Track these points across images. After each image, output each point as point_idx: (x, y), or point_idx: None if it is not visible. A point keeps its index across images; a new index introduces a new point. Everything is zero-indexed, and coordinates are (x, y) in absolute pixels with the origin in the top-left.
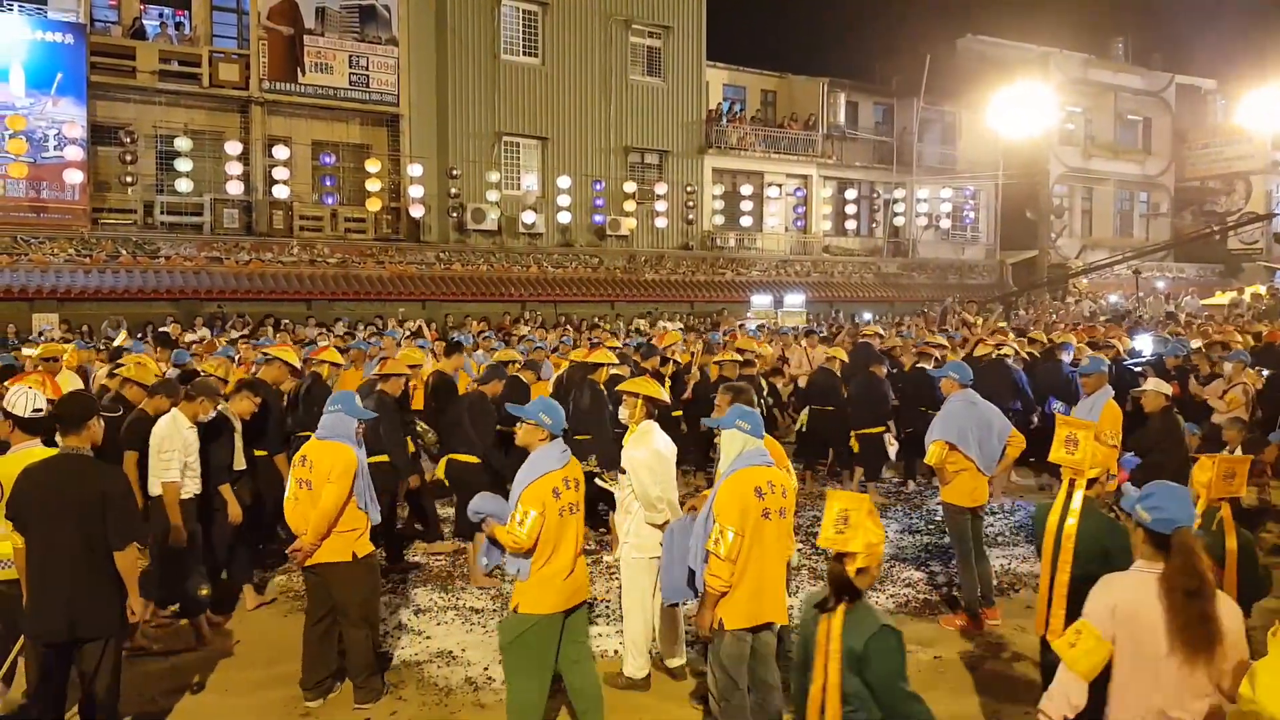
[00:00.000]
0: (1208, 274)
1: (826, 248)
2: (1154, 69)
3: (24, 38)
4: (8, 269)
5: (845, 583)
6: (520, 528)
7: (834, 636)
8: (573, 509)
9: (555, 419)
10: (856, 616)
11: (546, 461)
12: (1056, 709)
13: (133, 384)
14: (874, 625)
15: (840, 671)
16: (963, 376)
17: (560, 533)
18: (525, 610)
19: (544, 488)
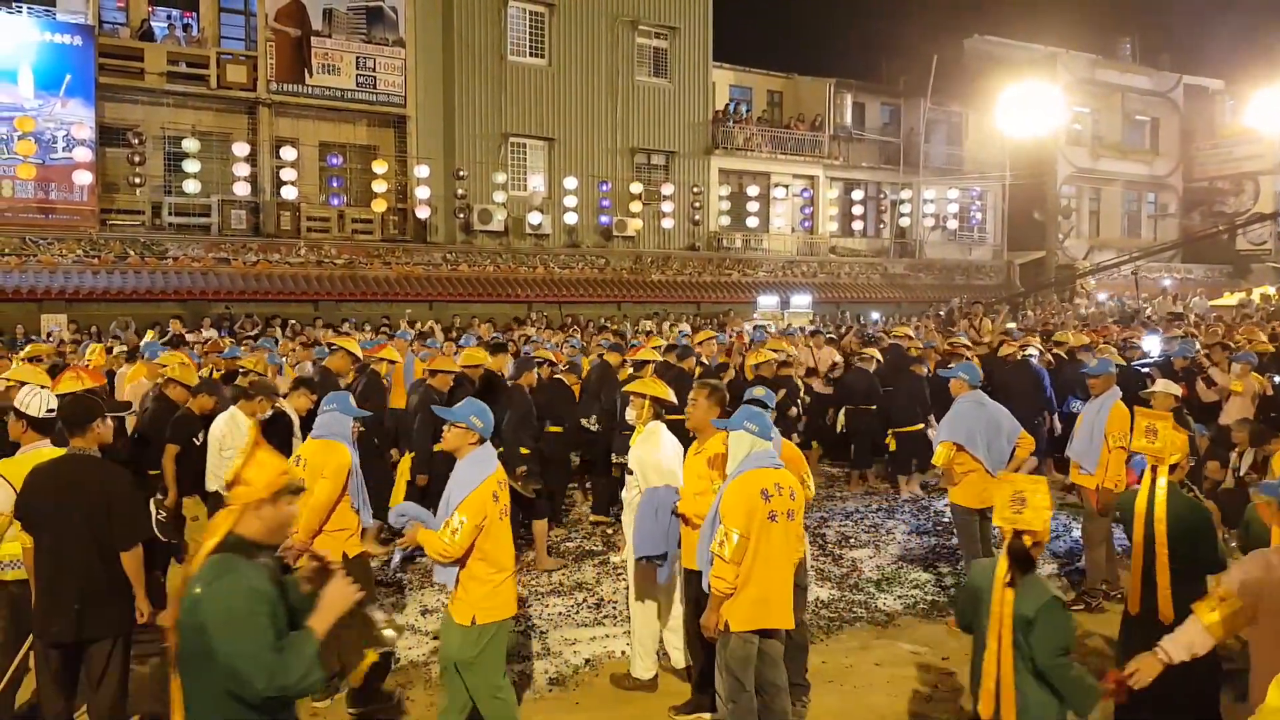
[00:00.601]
0: (1216, 275)
1: (833, 248)
2: (1162, 69)
3: (32, 39)
4: (16, 270)
5: (1025, 557)
6: (454, 536)
7: (1008, 603)
8: (505, 512)
9: (486, 422)
10: (1029, 586)
11: (483, 467)
12: (1177, 652)
13: (176, 384)
14: (1045, 595)
15: (1012, 635)
16: (972, 378)
17: (502, 535)
18: (486, 620)
19: (484, 494)
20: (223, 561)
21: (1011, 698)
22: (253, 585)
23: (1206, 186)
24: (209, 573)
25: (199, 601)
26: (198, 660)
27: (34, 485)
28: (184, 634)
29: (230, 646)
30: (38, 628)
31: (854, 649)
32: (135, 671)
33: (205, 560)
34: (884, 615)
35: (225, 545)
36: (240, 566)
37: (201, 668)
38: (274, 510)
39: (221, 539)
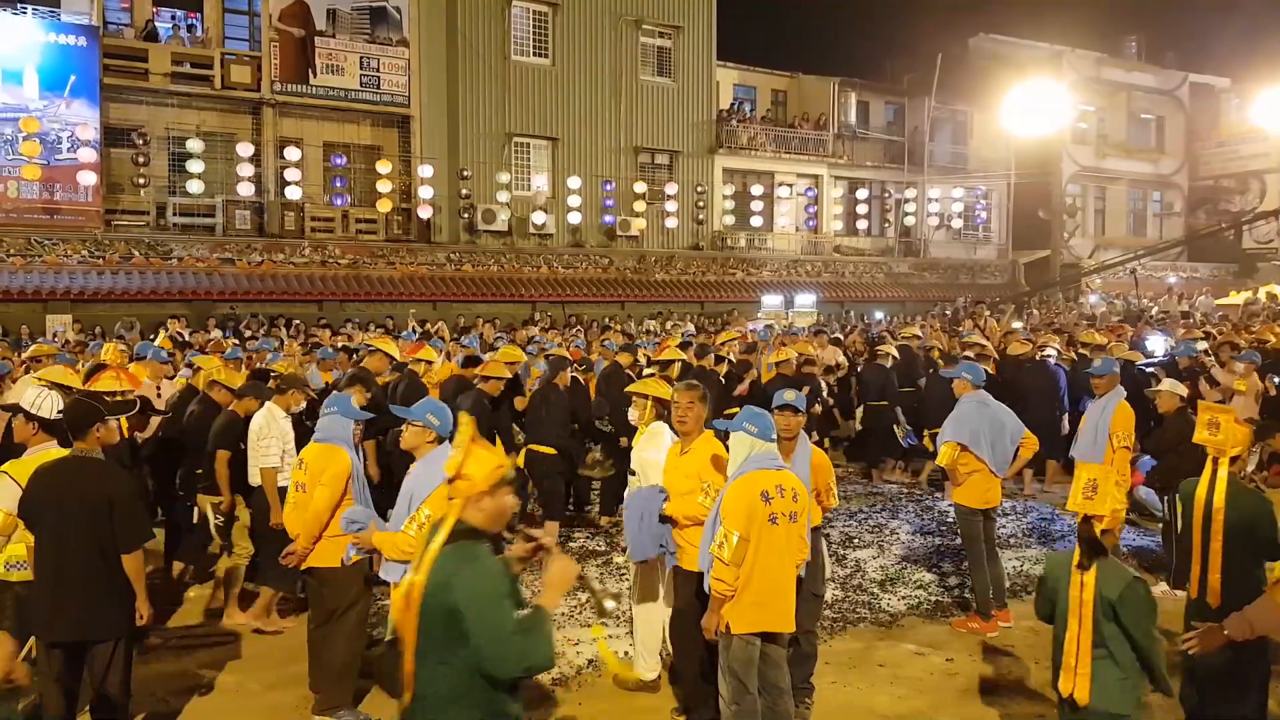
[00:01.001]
0: (1222, 274)
1: (837, 248)
2: (1167, 67)
3: (37, 40)
4: (21, 270)
5: (1094, 541)
6: (420, 531)
7: (1088, 587)
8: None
9: (443, 420)
10: (1108, 570)
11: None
12: (1239, 630)
13: (220, 386)
14: (1127, 576)
15: (1093, 619)
16: (975, 378)
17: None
18: None
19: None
20: (463, 549)
21: (1088, 674)
22: (497, 570)
23: (1212, 185)
24: (452, 561)
25: (449, 588)
26: (448, 645)
27: (36, 486)
28: (429, 621)
29: (483, 630)
30: (39, 628)
31: (857, 649)
32: (138, 672)
33: (442, 551)
34: (888, 616)
35: (457, 535)
36: (481, 553)
37: (451, 653)
38: (493, 501)
39: (451, 530)
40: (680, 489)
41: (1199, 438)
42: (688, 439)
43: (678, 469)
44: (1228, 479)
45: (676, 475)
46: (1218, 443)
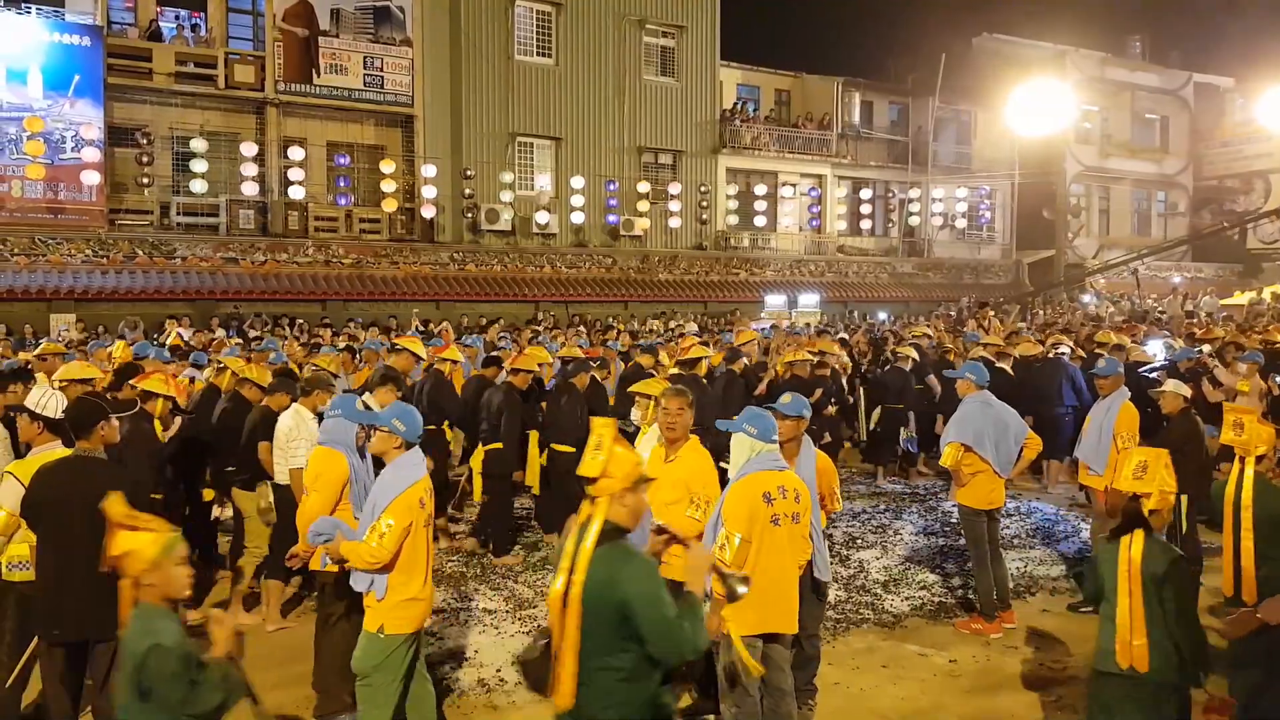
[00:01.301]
0: (1227, 274)
1: (841, 248)
2: (1172, 67)
3: (42, 40)
4: (25, 270)
5: (1138, 517)
6: (381, 540)
7: (1134, 563)
8: (430, 521)
9: (410, 425)
10: (1153, 547)
11: (410, 471)
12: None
13: (250, 383)
14: (1172, 554)
15: (1144, 594)
16: (978, 378)
17: (423, 546)
18: (392, 631)
19: (411, 499)
20: (618, 548)
21: (1144, 644)
22: (652, 564)
23: (1216, 185)
24: (612, 560)
25: (615, 586)
26: (616, 640)
27: (39, 485)
28: (595, 619)
29: (654, 621)
30: (42, 628)
31: (861, 650)
32: None
33: (595, 551)
34: (891, 616)
35: (608, 534)
36: (635, 550)
37: (619, 647)
38: (634, 498)
39: (602, 529)
40: (666, 498)
41: (1225, 438)
42: (674, 446)
43: (665, 477)
44: (1254, 477)
45: (663, 484)
46: (1243, 442)
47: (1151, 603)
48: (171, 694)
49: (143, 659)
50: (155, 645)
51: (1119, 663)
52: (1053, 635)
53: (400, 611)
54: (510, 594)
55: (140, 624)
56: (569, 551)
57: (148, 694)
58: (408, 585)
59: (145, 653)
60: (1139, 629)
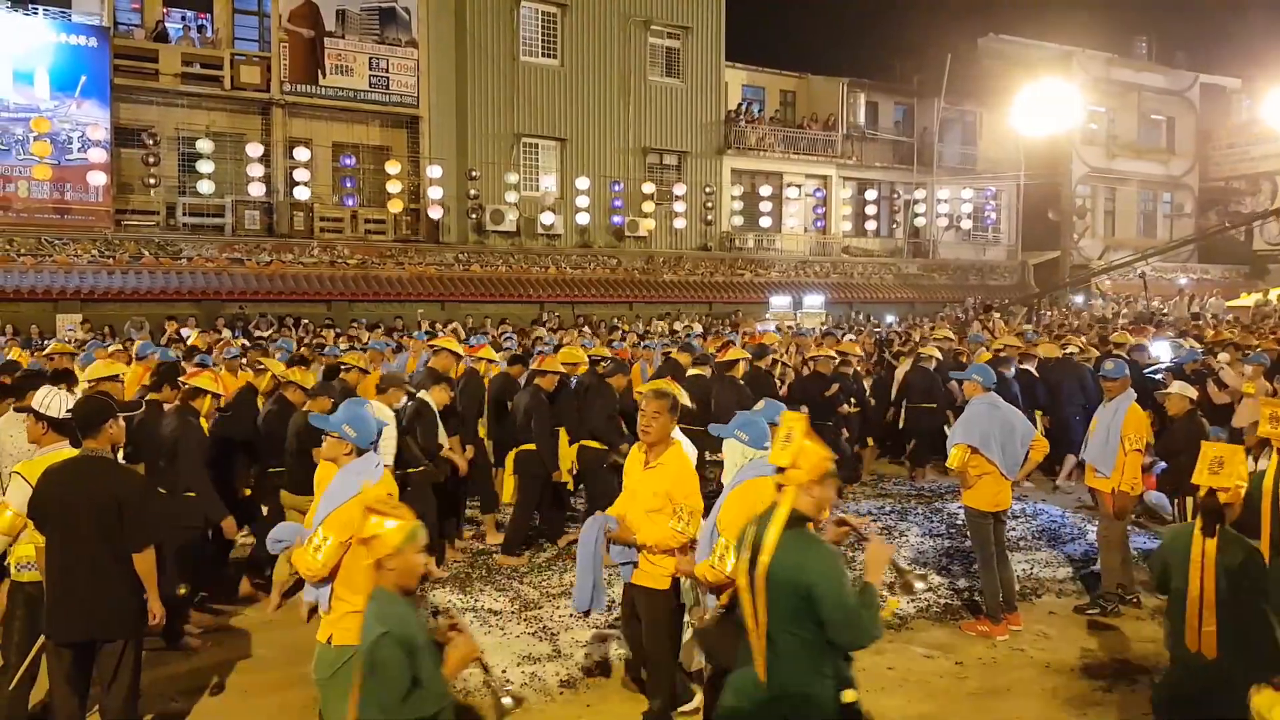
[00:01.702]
0: (1233, 275)
1: (846, 248)
2: (1178, 68)
3: (48, 41)
4: (32, 270)
5: (1217, 511)
6: (317, 554)
7: (1209, 555)
8: None
9: (361, 431)
10: (1228, 540)
11: (357, 479)
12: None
13: (295, 386)
14: (1247, 548)
15: (1215, 584)
16: (985, 379)
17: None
18: (340, 642)
19: (353, 510)
20: (805, 534)
21: (1213, 630)
22: (836, 552)
23: (1223, 186)
24: (799, 545)
25: (802, 570)
26: (799, 620)
27: (46, 486)
28: (780, 599)
29: (835, 605)
30: (49, 628)
31: (866, 652)
32: (147, 672)
33: (783, 536)
34: (897, 618)
35: (794, 521)
36: (818, 537)
37: (801, 626)
38: (821, 489)
39: (788, 516)
40: (648, 506)
41: (1263, 431)
42: (654, 451)
43: (644, 484)
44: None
45: (642, 491)
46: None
47: (1224, 592)
48: (392, 684)
49: (373, 646)
50: (385, 634)
51: (1188, 645)
52: (1059, 637)
53: (347, 623)
54: (515, 595)
55: (376, 607)
56: (751, 534)
57: (371, 675)
58: (352, 599)
59: (375, 640)
60: (1209, 616)
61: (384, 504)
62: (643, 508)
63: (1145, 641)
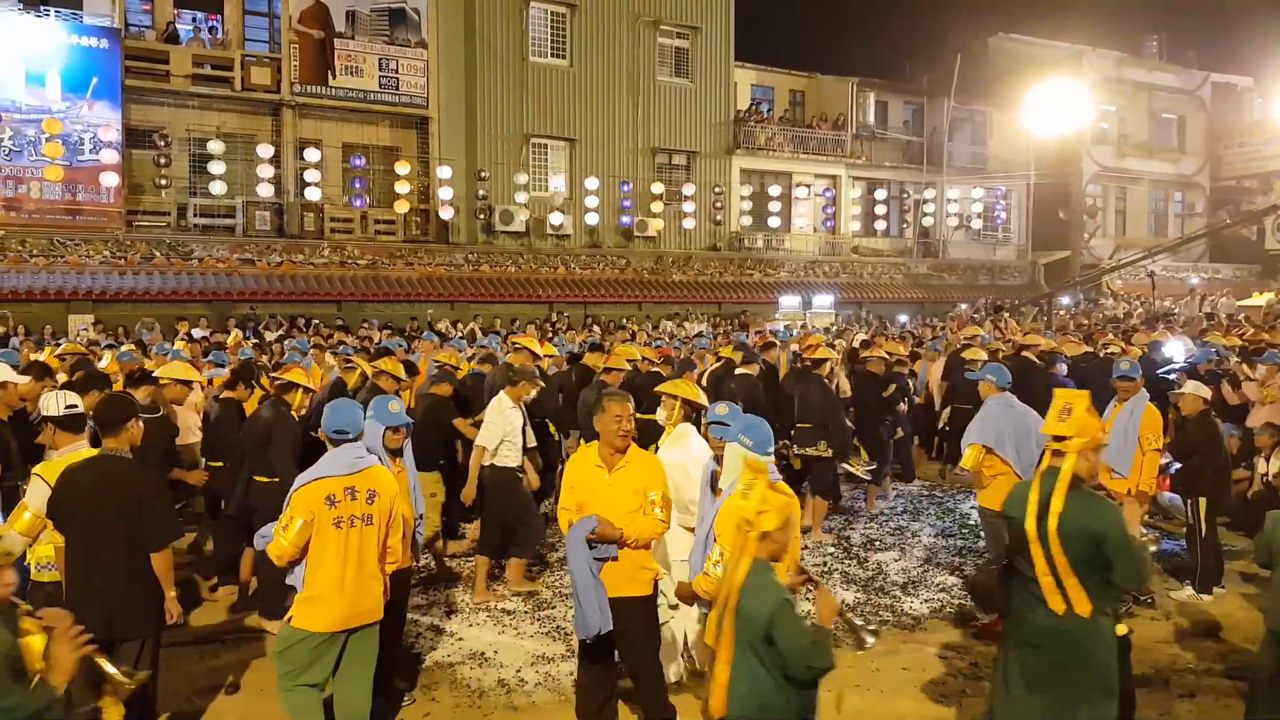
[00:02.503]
0: (1244, 274)
1: (855, 248)
2: (1189, 67)
3: (60, 42)
4: (45, 270)
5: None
6: (284, 534)
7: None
8: (354, 521)
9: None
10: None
11: (326, 467)
12: None
13: (387, 375)
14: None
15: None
16: (999, 379)
17: (332, 545)
18: (296, 625)
19: (314, 494)
20: (1088, 493)
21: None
22: (1118, 507)
23: (1234, 185)
24: (1088, 502)
25: (1092, 522)
26: (1094, 564)
27: (65, 485)
28: (1073, 545)
29: (1123, 552)
30: None
31: (880, 653)
32: (164, 670)
33: (1068, 494)
34: (910, 619)
35: (1075, 483)
36: (1098, 494)
37: (1095, 569)
38: (1096, 457)
39: (1070, 478)
40: (629, 507)
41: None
42: (619, 456)
43: (619, 488)
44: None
45: (619, 494)
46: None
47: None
48: (799, 643)
49: (771, 615)
50: (784, 601)
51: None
52: None
53: (303, 607)
54: (529, 595)
55: (760, 579)
56: (1033, 498)
57: (772, 643)
58: (310, 583)
59: (776, 607)
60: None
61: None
62: (623, 510)
63: (1160, 643)
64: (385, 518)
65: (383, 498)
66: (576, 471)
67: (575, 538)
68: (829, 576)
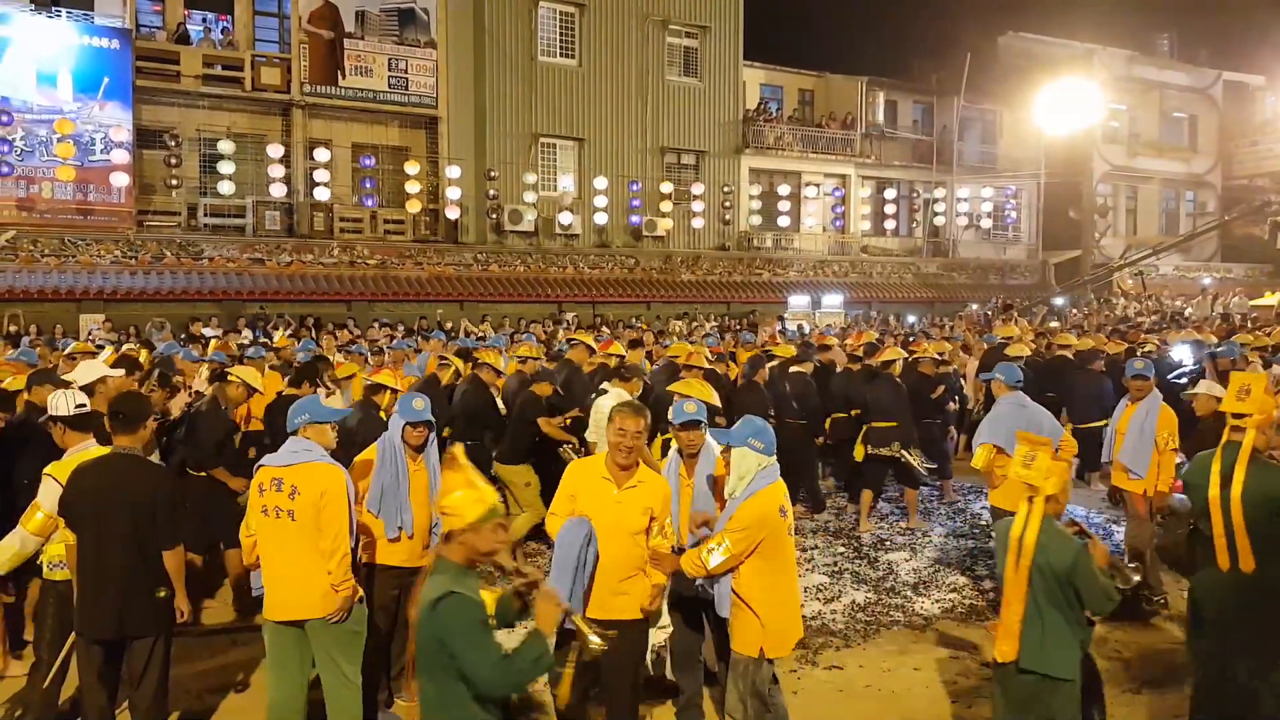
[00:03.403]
0: (1256, 274)
1: (865, 248)
2: (1201, 65)
3: (72, 43)
4: (56, 270)
5: None
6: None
7: None
8: (278, 512)
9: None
10: None
11: (274, 456)
12: None
13: (489, 368)
14: None
15: None
16: (1009, 378)
17: (263, 531)
18: (264, 616)
19: (255, 481)
20: (1267, 464)
21: None
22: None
23: (1246, 184)
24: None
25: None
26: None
27: (77, 484)
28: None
29: None
30: (80, 624)
31: (891, 653)
32: (176, 668)
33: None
34: (922, 619)
35: (1254, 455)
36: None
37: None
38: (1273, 431)
39: (1251, 451)
40: (634, 528)
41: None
42: (628, 473)
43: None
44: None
45: (630, 511)
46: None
47: None
48: (1100, 581)
49: (1074, 562)
50: (1082, 549)
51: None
52: None
53: (265, 597)
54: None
55: (1055, 534)
56: (1216, 468)
57: (1073, 586)
58: (263, 572)
59: (1077, 554)
60: None
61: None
62: (628, 530)
63: (1173, 644)
64: (312, 516)
65: (304, 495)
66: (579, 481)
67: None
68: (840, 576)
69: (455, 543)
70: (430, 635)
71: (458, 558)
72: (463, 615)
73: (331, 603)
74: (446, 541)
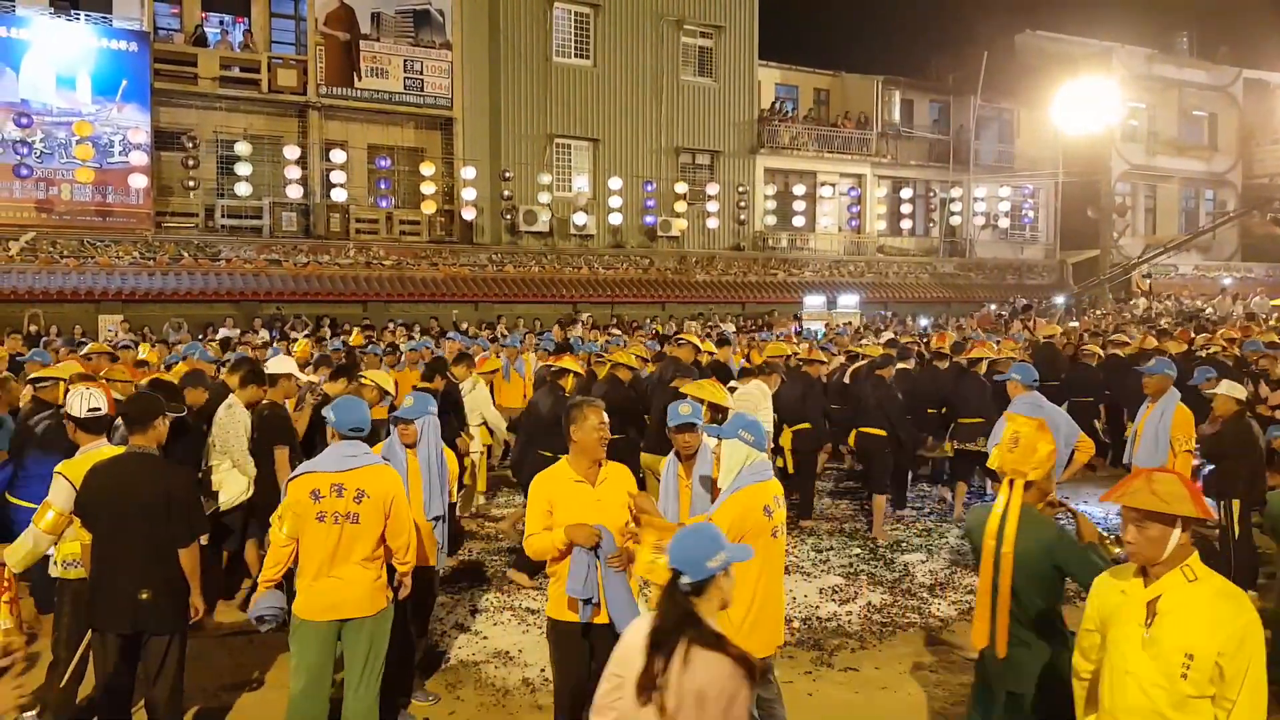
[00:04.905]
0: (1277, 274)
1: (881, 248)
2: (1220, 63)
3: (90, 46)
4: (75, 271)
5: None
6: (278, 528)
7: None
8: (338, 518)
9: (339, 416)
10: None
11: (318, 462)
12: None
13: (624, 367)
14: None
15: None
16: (1025, 378)
17: (315, 538)
18: (295, 611)
19: (300, 489)
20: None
21: None
22: None
23: (1267, 183)
24: None
25: None
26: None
27: (92, 483)
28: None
29: None
30: (95, 623)
31: (907, 654)
32: (190, 666)
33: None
34: (938, 621)
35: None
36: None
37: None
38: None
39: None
40: (621, 519)
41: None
42: (600, 469)
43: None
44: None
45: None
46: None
47: None
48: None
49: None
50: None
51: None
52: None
53: (300, 598)
54: None
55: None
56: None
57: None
58: (300, 574)
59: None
60: None
61: None
62: (617, 522)
63: None
64: (378, 518)
65: (373, 499)
66: (551, 490)
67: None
68: (855, 577)
69: (1034, 489)
70: None
71: (1031, 500)
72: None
73: (380, 599)
74: None
